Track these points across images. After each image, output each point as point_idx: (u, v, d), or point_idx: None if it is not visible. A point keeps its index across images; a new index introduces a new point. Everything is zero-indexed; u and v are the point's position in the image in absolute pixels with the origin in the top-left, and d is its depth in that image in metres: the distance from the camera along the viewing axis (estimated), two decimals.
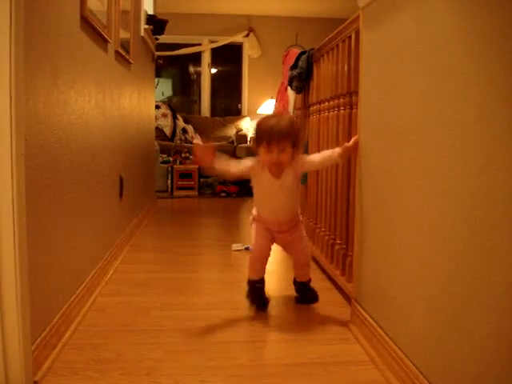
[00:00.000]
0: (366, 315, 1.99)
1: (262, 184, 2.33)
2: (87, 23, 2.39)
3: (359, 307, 2.08)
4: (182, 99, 9.47)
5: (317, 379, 1.75)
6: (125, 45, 3.41)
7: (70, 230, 2.18)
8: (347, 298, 2.41)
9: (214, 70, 9.12)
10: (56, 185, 1.98)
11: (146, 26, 4.49)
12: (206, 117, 8.83)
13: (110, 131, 3.01)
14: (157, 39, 5.13)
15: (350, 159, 2.50)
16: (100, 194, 2.78)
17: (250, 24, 8.61)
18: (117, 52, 3.13)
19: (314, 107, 3.28)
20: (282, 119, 2.22)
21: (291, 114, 4.06)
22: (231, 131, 8.34)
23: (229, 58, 9.12)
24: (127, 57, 3.48)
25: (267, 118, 2.28)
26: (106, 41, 2.80)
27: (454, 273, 1.32)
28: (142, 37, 4.40)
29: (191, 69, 9.33)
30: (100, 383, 1.71)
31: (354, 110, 2.42)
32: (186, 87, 9.50)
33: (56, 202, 1.98)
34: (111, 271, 2.97)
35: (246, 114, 8.77)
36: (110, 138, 3.04)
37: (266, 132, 2.19)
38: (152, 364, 1.83)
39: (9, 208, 1.52)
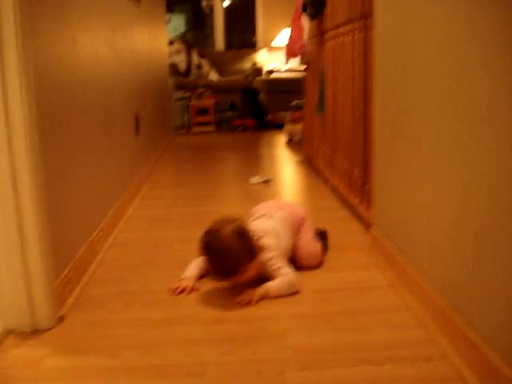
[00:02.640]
0: (385, 241, 1.99)
1: None
2: None
3: (378, 233, 2.08)
4: (196, 34, 9.31)
5: (336, 304, 1.77)
6: None
7: (89, 168, 2.19)
8: (366, 225, 2.40)
9: (227, 3, 8.91)
10: (70, 122, 1.97)
11: None
12: (221, 51, 8.68)
13: (122, 68, 2.97)
14: None
15: (366, 85, 2.45)
16: (116, 131, 2.77)
17: None
18: None
19: (329, 33, 3.19)
20: (223, 242, 1.74)
21: (306, 42, 3.97)
22: (247, 64, 8.20)
23: None
24: None
25: (205, 236, 1.79)
26: None
27: (474, 193, 1.30)
28: None
29: (204, 2, 9.12)
30: (124, 315, 1.75)
31: (370, 34, 2.35)
32: (199, 22, 9.31)
33: (72, 140, 1.98)
34: (132, 207, 3.00)
35: (261, 46, 8.60)
36: (123, 75, 3.01)
37: (209, 265, 1.83)
38: (173, 296, 1.86)
39: (22, 145, 1.52)
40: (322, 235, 2.18)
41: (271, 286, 1.82)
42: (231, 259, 1.75)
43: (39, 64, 1.67)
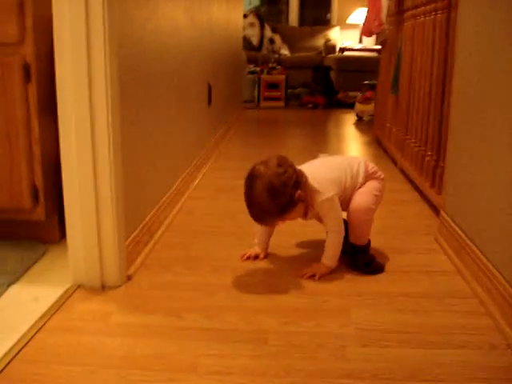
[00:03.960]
0: (454, 227, 1.95)
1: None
2: None
3: (448, 219, 2.03)
4: (270, 8, 9.25)
5: (401, 285, 1.76)
6: None
7: (161, 134, 2.23)
8: (435, 210, 2.36)
9: None
10: (148, 87, 2.01)
11: None
12: (294, 26, 8.62)
13: (198, 37, 2.99)
14: None
15: (446, 67, 2.39)
16: (189, 99, 2.80)
17: None
18: None
19: (409, 12, 3.12)
20: (255, 195, 1.71)
21: (384, 21, 3.89)
22: (320, 42, 8.12)
23: None
24: None
25: (245, 183, 1.78)
26: None
27: None
28: None
29: None
30: (189, 278, 1.79)
31: (453, 14, 2.28)
32: None
33: (148, 105, 2.01)
34: (199, 176, 3.04)
35: (335, 23, 8.48)
36: (199, 44, 3.03)
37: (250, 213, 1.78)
38: (239, 264, 1.90)
39: (103, 108, 1.56)
40: (377, 264, 1.89)
41: (326, 258, 1.81)
42: (262, 213, 1.72)
43: (122, 29, 1.70)
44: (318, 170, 1.84)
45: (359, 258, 1.86)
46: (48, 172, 1.88)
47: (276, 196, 1.67)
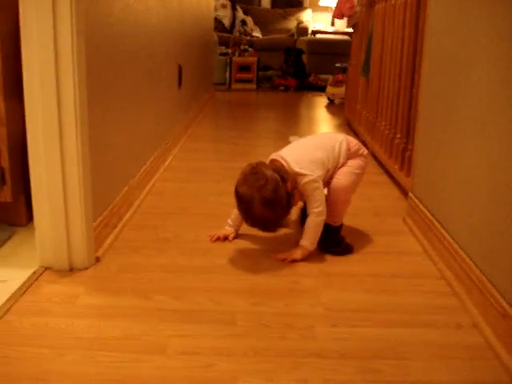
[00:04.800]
0: (422, 208, 1.97)
1: None
2: None
3: (416, 200, 2.06)
4: None
5: (369, 266, 1.77)
6: None
7: (130, 115, 2.20)
8: (404, 192, 2.39)
9: None
10: (119, 65, 1.98)
11: None
12: (266, 8, 8.57)
13: (168, 17, 2.95)
14: None
15: (416, 50, 2.40)
16: (160, 81, 2.78)
17: None
18: None
19: None
20: (259, 216, 1.72)
21: (355, 3, 3.89)
22: (292, 24, 8.10)
23: None
24: None
25: (238, 203, 1.75)
26: None
27: None
28: None
29: None
30: (158, 260, 1.78)
31: None
32: None
33: (117, 85, 1.98)
34: (170, 158, 3.02)
35: (307, 5, 8.46)
36: (169, 25, 2.99)
37: (241, 217, 1.83)
38: (208, 245, 1.89)
39: (70, 88, 1.53)
40: (346, 245, 1.90)
41: (308, 240, 1.80)
42: (268, 224, 1.78)
43: (90, 7, 1.66)
44: (300, 153, 1.84)
45: (330, 239, 1.87)
46: (15, 153, 1.84)
47: (276, 204, 1.70)
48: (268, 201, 1.67)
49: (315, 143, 1.94)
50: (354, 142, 1.93)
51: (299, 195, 1.82)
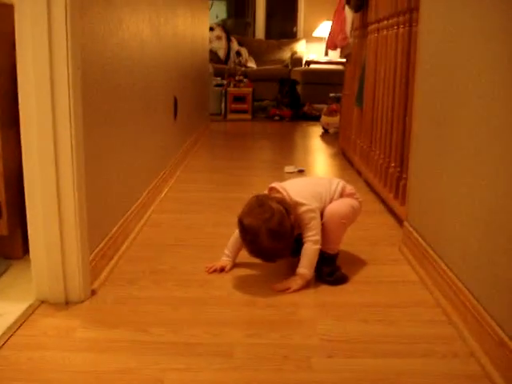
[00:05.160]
0: (417, 237, 1.98)
1: None
2: None
3: (411, 229, 2.07)
4: (237, 21, 9.30)
5: (364, 296, 1.77)
6: None
7: (127, 147, 2.22)
8: (399, 221, 2.40)
9: None
10: (113, 100, 2.00)
11: None
12: (261, 39, 8.67)
13: (163, 50, 2.99)
14: None
15: (408, 80, 2.43)
16: (155, 113, 2.80)
17: None
18: None
19: (373, 26, 3.17)
20: (264, 247, 1.75)
21: (348, 35, 3.95)
22: (286, 54, 8.19)
23: None
24: None
25: (243, 235, 1.78)
26: None
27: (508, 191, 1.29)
28: None
29: None
30: (155, 293, 1.77)
31: (414, 28, 2.33)
32: (240, 9, 9.30)
33: (113, 118, 2.00)
34: (166, 189, 3.03)
35: (301, 36, 8.56)
36: (165, 58, 3.03)
37: (245, 248, 1.85)
38: (205, 277, 1.89)
39: (66, 121, 1.55)
40: (340, 275, 1.90)
41: (306, 268, 1.81)
42: (275, 255, 1.82)
43: (86, 43, 1.69)
44: (299, 186, 1.91)
45: (325, 267, 1.87)
46: (11, 186, 1.85)
47: (281, 236, 1.74)
48: (274, 232, 1.72)
49: (314, 181, 2.07)
50: (350, 187, 2.00)
51: (297, 224, 1.84)
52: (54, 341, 1.47)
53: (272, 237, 1.72)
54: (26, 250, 1.87)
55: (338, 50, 4.53)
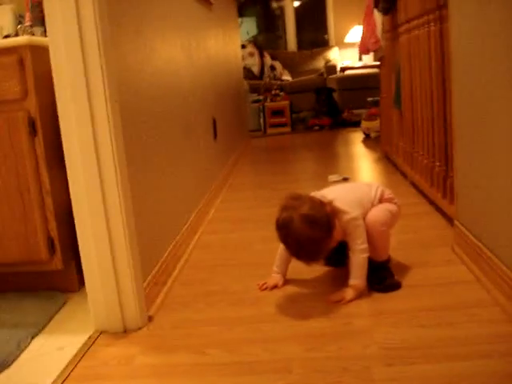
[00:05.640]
0: (469, 235, 1.94)
1: None
2: None
3: (462, 228, 2.03)
4: (268, 36, 9.35)
5: (422, 299, 1.74)
6: None
7: (171, 173, 2.25)
8: (450, 220, 2.35)
9: (297, 3, 8.91)
10: (152, 128, 2.04)
11: None
12: (293, 51, 8.68)
13: (198, 73, 3.04)
14: None
15: (444, 77, 2.40)
16: (195, 135, 2.84)
17: None
18: None
19: (403, 27, 3.15)
20: (299, 236, 1.69)
21: (379, 38, 3.92)
22: (320, 63, 8.17)
23: None
24: None
25: (279, 230, 1.75)
26: None
27: None
28: None
29: (274, 4, 9.16)
30: (209, 314, 1.79)
31: (445, 25, 2.30)
32: (270, 24, 9.35)
33: (154, 146, 2.04)
34: (212, 210, 3.06)
35: (333, 44, 8.54)
36: (199, 81, 3.07)
37: (287, 250, 1.81)
38: (257, 294, 1.90)
39: (109, 154, 1.59)
40: (391, 282, 1.87)
41: (358, 278, 1.80)
42: (312, 246, 1.70)
43: (121, 74, 1.73)
44: (341, 193, 1.88)
45: (374, 275, 1.85)
46: (62, 221, 1.91)
47: (315, 221, 1.69)
48: (307, 216, 1.68)
49: (354, 187, 2.04)
50: (388, 191, 1.97)
51: (342, 232, 1.82)
52: (115, 370, 1.50)
53: (305, 221, 1.67)
54: (81, 283, 1.91)
55: (372, 53, 4.51)
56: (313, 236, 1.68)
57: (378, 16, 3.81)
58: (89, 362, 1.55)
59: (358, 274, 1.80)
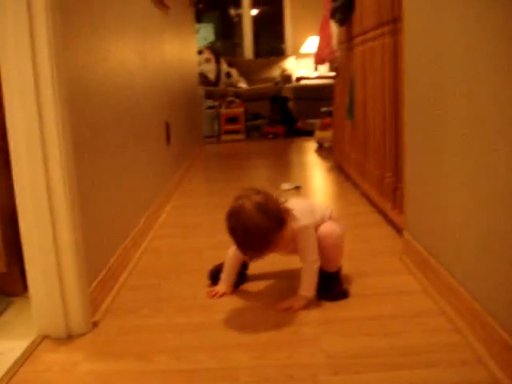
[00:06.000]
0: (417, 246, 1.97)
1: None
2: None
3: (411, 238, 2.06)
4: (225, 43, 9.36)
5: (369, 309, 1.76)
6: None
7: (121, 176, 2.22)
8: (399, 230, 2.39)
9: (255, 11, 8.95)
10: (103, 130, 2.00)
11: None
12: (250, 59, 8.70)
13: (152, 77, 3.01)
14: None
15: (397, 89, 2.44)
16: (147, 139, 2.80)
17: None
18: None
19: (359, 38, 3.19)
20: (244, 223, 1.65)
21: (335, 48, 3.97)
22: (276, 72, 8.21)
23: None
24: (165, 0, 3.44)
25: (229, 217, 1.70)
26: None
27: (509, 194, 1.28)
28: None
29: (232, 11, 9.19)
30: (157, 320, 1.76)
31: (400, 38, 2.34)
32: (228, 31, 9.37)
33: (104, 148, 2.01)
34: (164, 215, 3.03)
35: (290, 53, 8.60)
36: (153, 84, 3.04)
37: (233, 240, 1.73)
38: (206, 301, 1.88)
39: (56, 155, 1.55)
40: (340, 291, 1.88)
41: (306, 289, 1.80)
42: (259, 235, 1.65)
43: (72, 73, 1.70)
44: (294, 203, 1.83)
45: (324, 285, 1.85)
46: (6, 224, 1.85)
47: (267, 211, 1.65)
48: (259, 204, 1.65)
49: (305, 200, 2.09)
50: (337, 214, 1.97)
51: (291, 239, 1.80)
52: (57, 376, 1.46)
53: (256, 209, 1.63)
54: (25, 287, 1.86)
55: (327, 64, 4.56)
56: (261, 225, 1.63)
57: (334, 27, 3.85)
58: (31, 367, 1.50)
59: (308, 285, 1.80)
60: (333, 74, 4.50)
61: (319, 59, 4.33)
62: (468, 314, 1.52)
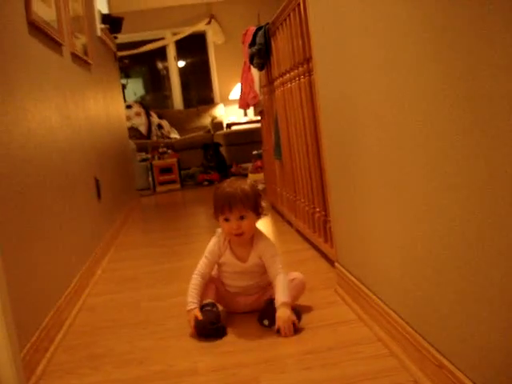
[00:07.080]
0: (349, 276, 2.01)
1: (227, 266, 2.10)
2: (36, 28, 2.37)
3: (343, 269, 2.10)
4: (155, 95, 9.44)
5: (307, 342, 1.77)
6: (82, 46, 3.39)
7: (50, 235, 2.18)
8: (332, 263, 2.42)
9: (182, 63, 9.08)
10: (27, 191, 1.97)
11: (103, 26, 4.45)
12: (180, 109, 8.79)
13: (77, 134, 2.99)
14: (116, 38, 5.09)
15: (316, 126, 2.51)
16: (76, 196, 2.77)
17: (210, 11, 8.56)
18: (73, 54, 3.11)
19: (278, 81, 3.28)
20: (239, 184, 2.00)
21: (258, 93, 4.06)
22: (207, 120, 8.32)
23: (194, 47, 9.08)
24: (85, 58, 3.46)
25: (223, 184, 2.05)
26: (59, 44, 2.77)
27: (424, 219, 1.33)
28: (99, 37, 4.36)
29: (159, 64, 9.29)
30: (94, 378, 1.72)
31: (313, 76, 2.43)
32: (157, 83, 9.46)
33: (30, 208, 1.97)
34: (99, 271, 2.97)
35: (218, 101, 8.75)
36: (79, 141, 3.02)
37: (222, 198, 1.99)
38: (144, 354, 1.84)
39: None
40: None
41: (287, 296, 1.91)
42: (252, 192, 2.01)
43: None
44: None
45: (267, 313, 1.94)
46: None
47: (254, 190, 2.03)
48: (253, 185, 2.05)
49: None
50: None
51: (254, 258, 2.03)
52: None
53: (250, 185, 2.02)
54: None
55: (253, 108, 4.65)
56: (254, 189, 2.03)
57: (254, 71, 3.94)
58: None
59: (286, 293, 1.92)
60: (259, 117, 4.59)
61: (244, 104, 4.41)
62: (401, 337, 1.55)
